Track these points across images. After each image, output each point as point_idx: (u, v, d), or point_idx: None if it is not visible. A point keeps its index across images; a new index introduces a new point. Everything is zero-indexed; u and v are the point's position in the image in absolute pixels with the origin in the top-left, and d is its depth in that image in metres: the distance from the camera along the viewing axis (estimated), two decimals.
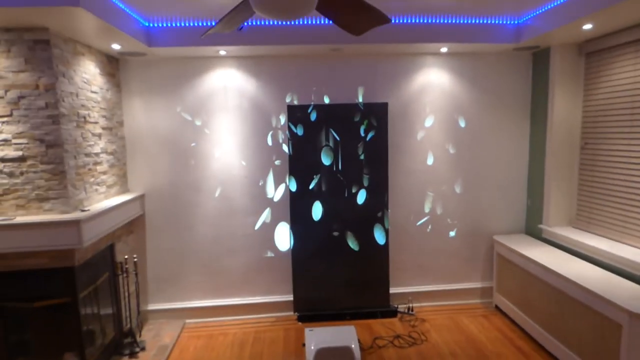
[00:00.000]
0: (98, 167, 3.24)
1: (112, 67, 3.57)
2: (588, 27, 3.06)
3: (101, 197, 3.27)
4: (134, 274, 3.60)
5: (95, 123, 3.21)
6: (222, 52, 3.59)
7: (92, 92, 3.19)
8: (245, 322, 3.92)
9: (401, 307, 4.04)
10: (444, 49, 3.74)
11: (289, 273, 4.00)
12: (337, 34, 3.31)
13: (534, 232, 4.02)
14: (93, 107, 3.20)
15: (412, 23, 3.46)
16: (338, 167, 3.86)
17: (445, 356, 3.27)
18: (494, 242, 4.04)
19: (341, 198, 3.89)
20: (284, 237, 4.00)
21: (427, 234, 4.13)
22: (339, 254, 3.94)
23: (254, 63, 3.79)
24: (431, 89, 3.97)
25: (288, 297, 4.02)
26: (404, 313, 3.99)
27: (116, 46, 3.20)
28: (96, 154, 3.21)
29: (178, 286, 3.95)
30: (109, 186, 3.43)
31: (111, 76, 3.54)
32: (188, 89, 3.77)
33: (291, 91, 3.85)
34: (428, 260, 4.15)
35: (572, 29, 3.11)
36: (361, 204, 3.91)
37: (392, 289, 4.08)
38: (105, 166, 3.36)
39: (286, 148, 3.91)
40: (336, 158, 3.85)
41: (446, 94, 3.98)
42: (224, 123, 3.84)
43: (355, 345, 3.14)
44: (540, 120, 3.91)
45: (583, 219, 3.63)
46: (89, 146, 3.11)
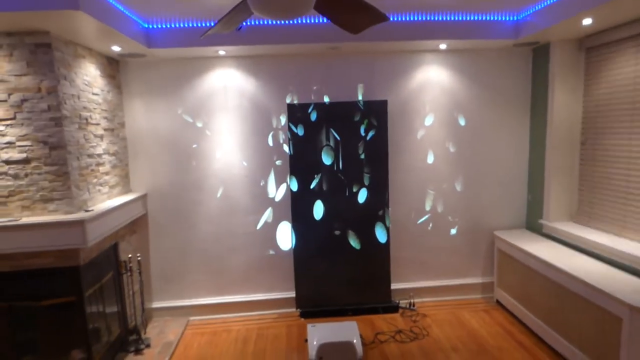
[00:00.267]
0: (100, 168, 3.28)
1: (113, 69, 3.60)
2: (588, 22, 3.05)
3: (104, 198, 3.32)
4: (138, 273, 3.65)
5: (97, 124, 3.25)
6: (222, 52, 3.61)
7: (94, 94, 3.23)
8: (248, 319, 3.97)
9: (403, 303, 4.07)
10: (443, 46, 3.74)
11: (291, 270, 4.04)
12: (335, 33, 3.32)
13: (535, 227, 4.03)
14: (94, 109, 3.23)
15: (410, 20, 3.46)
16: (339, 167, 3.88)
17: (446, 351, 3.30)
18: (495, 238, 4.06)
19: (342, 197, 3.91)
20: (286, 237, 4.04)
21: (428, 232, 4.14)
22: (341, 253, 3.96)
23: (253, 63, 3.81)
24: (430, 87, 3.97)
25: (290, 294, 4.06)
26: (406, 308, 4.02)
27: (116, 48, 3.23)
28: (98, 155, 3.25)
29: (181, 284, 4.00)
30: (112, 186, 3.47)
31: (112, 78, 3.57)
32: (188, 89, 3.80)
33: (291, 90, 3.87)
34: (429, 256, 4.17)
35: (572, 24, 3.10)
36: (362, 203, 3.93)
37: (394, 285, 4.11)
38: (107, 167, 3.40)
39: (287, 148, 3.93)
40: (337, 157, 3.87)
41: (446, 91, 3.99)
42: (225, 123, 3.86)
43: (357, 340, 3.18)
44: (540, 115, 3.90)
45: (583, 214, 3.63)
46: (92, 147, 3.15)
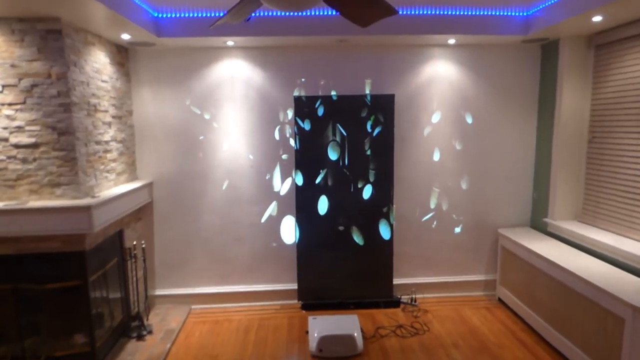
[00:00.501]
0: (108, 155, 3.31)
1: (122, 57, 3.63)
2: (598, 19, 3.02)
3: (111, 184, 3.35)
4: (142, 260, 3.69)
5: (105, 112, 3.28)
6: (230, 43, 3.62)
7: (103, 82, 3.26)
8: (250, 309, 4.00)
9: (404, 298, 4.07)
10: (452, 41, 3.72)
11: (294, 262, 4.06)
12: (344, 25, 3.31)
13: (539, 226, 4.00)
14: (103, 96, 3.26)
15: (419, 14, 3.44)
16: (344, 162, 3.89)
17: (447, 346, 3.30)
18: (499, 235, 4.04)
19: (347, 193, 3.91)
20: (290, 231, 4.05)
21: (432, 229, 4.14)
22: (344, 249, 3.97)
23: (261, 54, 3.82)
24: (438, 81, 3.95)
25: (292, 286, 4.08)
26: (407, 304, 4.03)
27: (126, 36, 3.25)
28: (106, 142, 3.28)
29: (185, 272, 4.04)
30: (119, 174, 3.51)
31: (121, 66, 3.60)
32: (196, 79, 3.82)
33: (298, 83, 3.87)
34: (432, 252, 4.17)
35: (582, 21, 3.07)
36: (367, 199, 3.93)
37: (396, 280, 4.11)
38: (114, 154, 3.43)
39: (293, 142, 3.94)
40: (343, 153, 3.88)
41: (453, 86, 3.97)
42: (232, 115, 3.88)
43: (357, 333, 3.19)
44: (548, 113, 3.87)
45: (589, 213, 3.61)
46: (99, 134, 3.18)
